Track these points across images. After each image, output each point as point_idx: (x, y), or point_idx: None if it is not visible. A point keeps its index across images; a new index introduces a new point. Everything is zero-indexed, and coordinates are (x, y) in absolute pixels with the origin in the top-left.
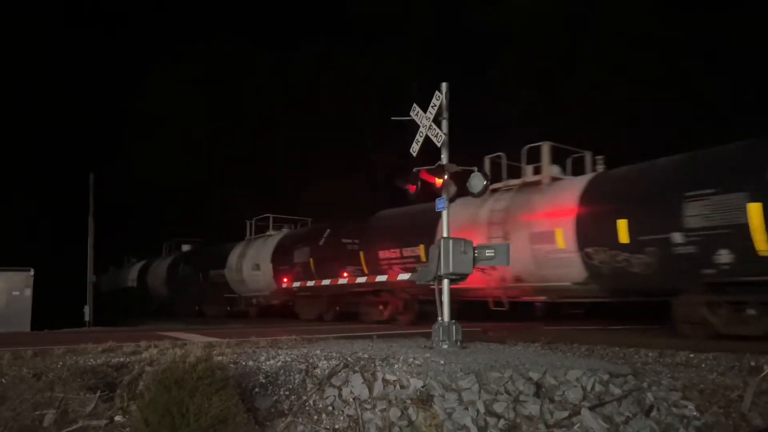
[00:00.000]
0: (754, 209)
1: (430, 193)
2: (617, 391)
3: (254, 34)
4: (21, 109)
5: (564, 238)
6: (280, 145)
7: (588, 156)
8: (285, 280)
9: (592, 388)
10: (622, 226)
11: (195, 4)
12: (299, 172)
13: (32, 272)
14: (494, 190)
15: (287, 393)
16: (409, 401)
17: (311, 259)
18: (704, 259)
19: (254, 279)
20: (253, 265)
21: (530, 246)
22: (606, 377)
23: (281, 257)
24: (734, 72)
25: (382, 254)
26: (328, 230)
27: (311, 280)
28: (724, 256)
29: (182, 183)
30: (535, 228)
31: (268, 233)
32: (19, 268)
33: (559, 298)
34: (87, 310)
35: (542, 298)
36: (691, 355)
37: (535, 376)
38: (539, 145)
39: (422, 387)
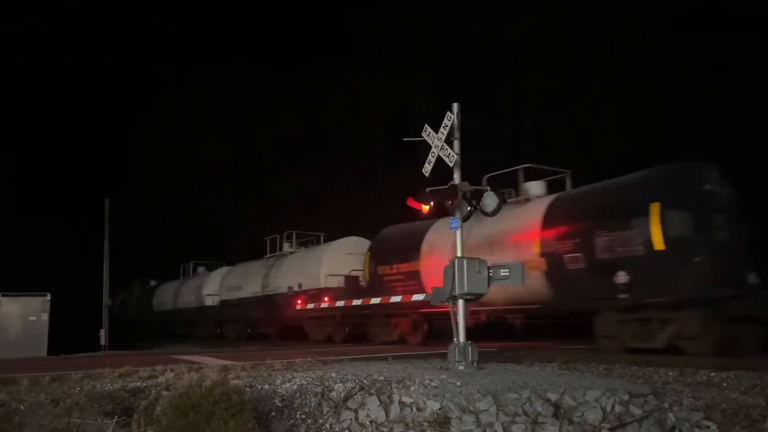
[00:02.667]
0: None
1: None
2: (638, 412)
3: (263, 57)
4: (38, 136)
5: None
6: (291, 165)
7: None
8: (299, 302)
9: (612, 408)
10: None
11: (205, 29)
12: (310, 191)
13: (49, 297)
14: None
15: (303, 416)
16: (426, 424)
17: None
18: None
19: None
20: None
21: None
22: (626, 397)
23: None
24: (736, 88)
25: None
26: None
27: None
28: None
29: (195, 204)
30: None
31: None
32: (36, 293)
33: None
34: (103, 333)
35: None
36: (712, 374)
37: (553, 397)
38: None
39: (439, 409)
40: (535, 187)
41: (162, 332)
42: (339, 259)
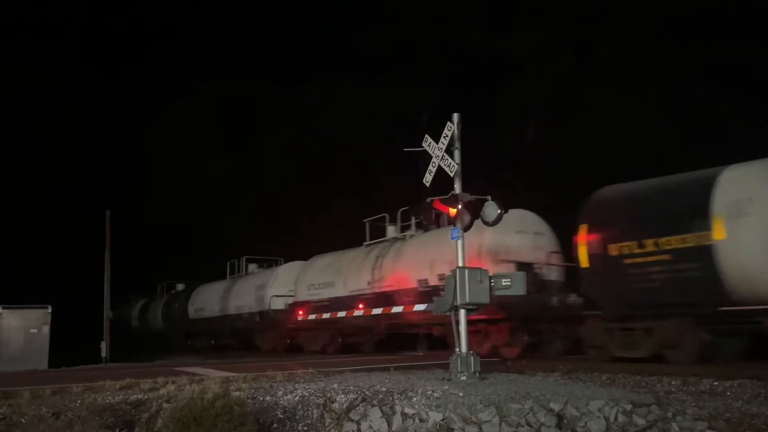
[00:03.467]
0: None
1: None
2: (641, 422)
3: (264, 69)
4: (40, 149)
5: None
6: (292, 178)
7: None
8: (300, 313)
9: (615, 418)
10: None
11: (206, 41)
12: (312, 203)
13: (50, 309)
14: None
15: (306, 428)
16: None
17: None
18: None
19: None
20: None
21: None
22: (629, 407)
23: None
24: (741, 93)
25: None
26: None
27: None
28: None
29: (195, 218)
30: None
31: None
32: (37, 305)
33: None
34: (104, 345)
35: None
36: (716, 383)
37: (556, 407)
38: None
39: (442, 420)
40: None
41: (203, 344)
42: (507, 239)
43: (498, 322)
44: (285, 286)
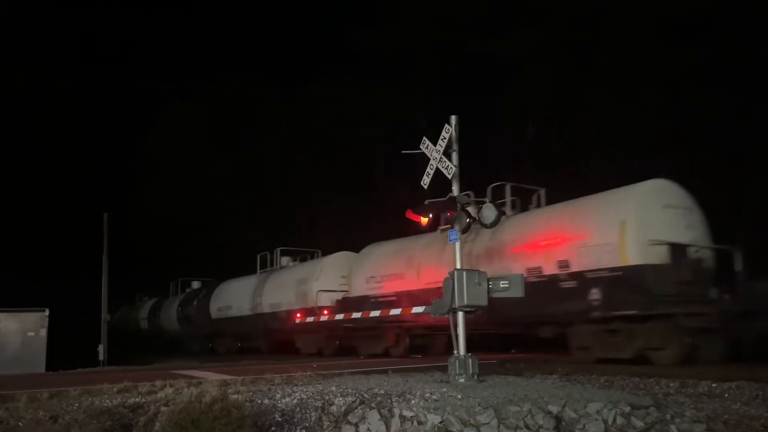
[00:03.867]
0: None
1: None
2: (639, 424)
3: (263, 71)
4: (38, 151)
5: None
6: (291, 179)
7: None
8: (298, 315)
9: (614, 420)
10: None
11: (206, 43)
12: (310, 204)
13: (47, 312)
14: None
15: (304, 431)
16: None
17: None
18: None
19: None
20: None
21: None
22: (627, 409)
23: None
24: (738, 96)
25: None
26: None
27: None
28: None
29: (196, 219)
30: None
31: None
32: (34, 308)
33: None
34: (101, 348)
35: None
36: (714, 385)
37: (554, 409)
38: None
39: (440, 423)
40: None
41: (227, 347)
42: (655, 216)
43: (646, 320)
44: (332, 280)
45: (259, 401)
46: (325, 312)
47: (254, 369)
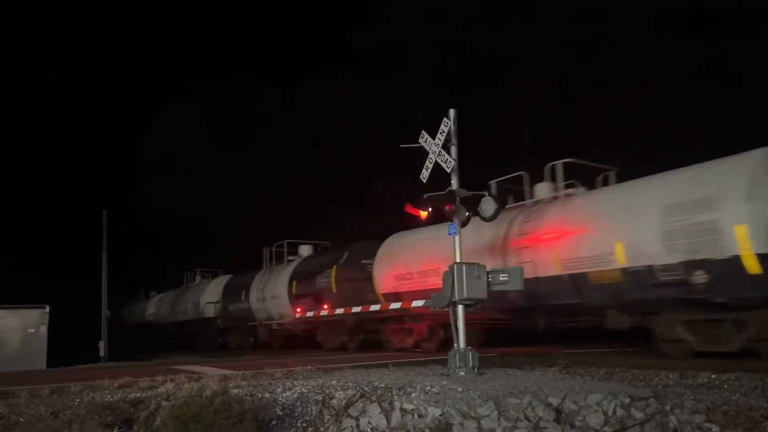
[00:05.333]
0: None
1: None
2: (639, 415)
3: (262, 69)
4: (37, 149)
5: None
6: (290, 174)
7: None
8: (299, 309)
9: (614, 412)
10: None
11: (204, 41)
12: (309, 200)
13: (48, 309)
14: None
15: (304, 425)
16: (427, 430)
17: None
18: None
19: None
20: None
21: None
22: (627, 401)
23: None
24: (736, 87)
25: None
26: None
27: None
28: None
29: (196, 215)
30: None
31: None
32: (34, 305)
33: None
34: (102, 345)
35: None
36: (713, 376)
37: (554, 401)
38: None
39: (440, 415)
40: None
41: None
42: None
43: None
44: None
45: (260, 395)
46: (325, 307)
47: (255, 364)
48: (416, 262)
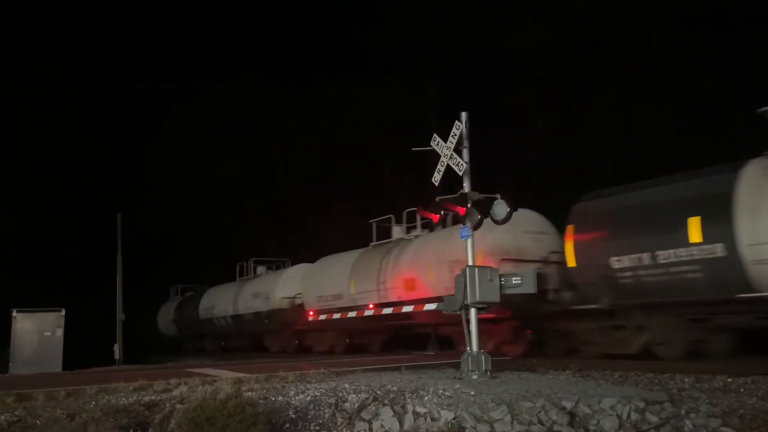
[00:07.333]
0: None
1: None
2: (654, 419)
3: (273, 72)
4: (51, 152)
5: None
6: (300, 179)
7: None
8: (311, 313)
9: (628, 416)
10: None
11: (214, 45)
12: (319, 205)
13: (63, 312)
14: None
15: (317, 428)
16: None
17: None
18: None
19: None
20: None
21: None
22: (642, 405)
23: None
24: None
25: None
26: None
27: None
28: None
29: (207, 220)
30: None
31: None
32: (51, 308)
33: None
34: (117, 348)
35: None
36: (729, 380)
37: (568, 405)
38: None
39: (453, 419)
40: None
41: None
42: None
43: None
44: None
45: (273, 398)
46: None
47: (267, 367)
48: None
